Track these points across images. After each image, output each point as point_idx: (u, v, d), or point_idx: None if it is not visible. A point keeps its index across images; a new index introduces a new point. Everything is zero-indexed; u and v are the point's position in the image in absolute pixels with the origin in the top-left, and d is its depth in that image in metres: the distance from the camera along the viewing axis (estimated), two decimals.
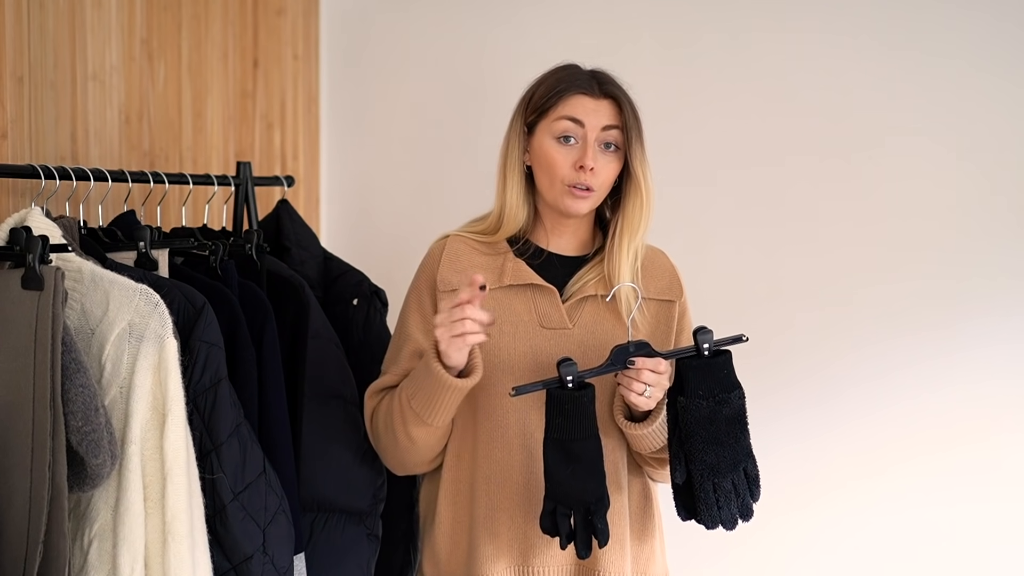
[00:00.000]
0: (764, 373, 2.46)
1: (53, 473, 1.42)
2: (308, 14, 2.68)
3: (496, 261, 1.80)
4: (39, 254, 1.46)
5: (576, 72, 1.79)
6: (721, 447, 1.70)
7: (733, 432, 1.71)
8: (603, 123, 1.75)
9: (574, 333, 1.78)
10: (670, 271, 1.88)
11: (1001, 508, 2.37)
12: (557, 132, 1.75)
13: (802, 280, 2.46)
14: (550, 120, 1.76)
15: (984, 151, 2.35)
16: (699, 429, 1.69)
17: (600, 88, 1.77)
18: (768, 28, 2.45)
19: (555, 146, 1.75)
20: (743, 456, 1.71)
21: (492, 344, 1.75)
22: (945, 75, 2.36)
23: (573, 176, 1.74)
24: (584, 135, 1.74)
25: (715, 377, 1.70)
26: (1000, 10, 2.32)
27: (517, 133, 1.81)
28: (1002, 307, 2.36)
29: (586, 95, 1.75)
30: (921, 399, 2.40)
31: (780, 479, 2.47)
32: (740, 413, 1.72)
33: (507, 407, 1.75)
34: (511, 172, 1.81)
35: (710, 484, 1.69)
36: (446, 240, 1.84)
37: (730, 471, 1.70)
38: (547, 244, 1.84)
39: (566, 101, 1.75)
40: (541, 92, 1.79)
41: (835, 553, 2.46)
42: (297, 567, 1.81)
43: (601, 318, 1.80)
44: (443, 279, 1.79)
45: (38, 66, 1.84)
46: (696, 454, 1.69)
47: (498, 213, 1.82)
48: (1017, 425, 2.36)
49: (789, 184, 2.45)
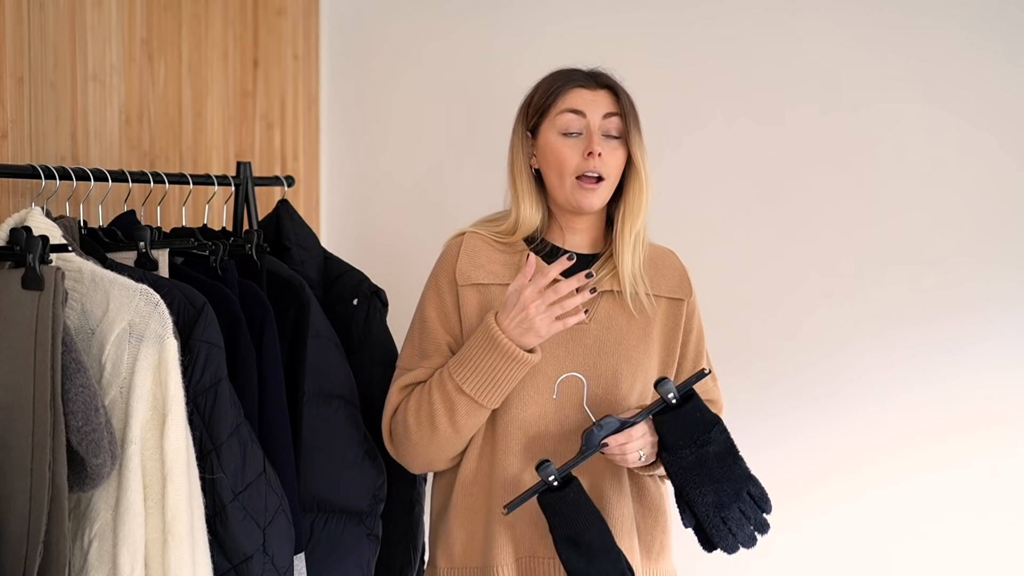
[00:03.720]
0: (764, 370, 2.47)
1: (53, 473, 1.42)
2: (308, 14, 2.68)
3: (514, 258, 1.84)
4: (39, 254, 1.46)
5: (570, 70, 1.85)
6: (718, 483, 1.71)
7: (725, 465, 1.72)
8: (603, 111, 1.80)
9: (591, 328, 1.81)
10: (680, 270, 1.91)
11: (1002, 505, 2.37)
12: (561, 127, 1.80)
13: (802, 278, 2.46)
14: (552, 116, 1.81)
15: (985, 147, 2.35)
16: (691, 476, 1.71)
17: (596, 80, 1.83)
18: (769, 25, 2.45)
19: (561, 140, 1.80)
20: (743, 482, 1.73)
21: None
22: (946, 72, 2.36)
23: (583, 165, 1.78)
24: (587, 125, 1.79)
25: (690, 423, 1.72)
26: (994, 19, 2.33)
27: (520, 139, 1.85)
28: (1004, 302, 2.36)
29: (584, 88, 1.81)
30: (924, 396, 2.41)
31: (782, 475, 2.47)
32: (727, 446, 1.74)
33: (526, 400, 1.78)
34: (520, 178, 1.84)
35: (718, 519, 1.71)
36: (463, 237, 1.87)
37: (734, 501, 1.72)
38: (563, 243, 1.87)
39: (565, 96, 1.80)
40: (540, 93, 1.84)
41: (840, 547, 2.46)
42: (297, 567, 1.81)
43: (616, 313, 1.83)
44: (462, 272, 1.82)
45: (38, 66, 1.84)
46: (696, 498, 1.71)
47: (515, 219, 1.85)
48: (1018, 420, 2.36)
49: (789, 183, 2.45)
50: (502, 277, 1.82)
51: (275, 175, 2.38)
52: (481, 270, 1.82)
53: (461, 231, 1.89)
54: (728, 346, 2.39)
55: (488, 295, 1.82)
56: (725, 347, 2.35)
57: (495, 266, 1.83)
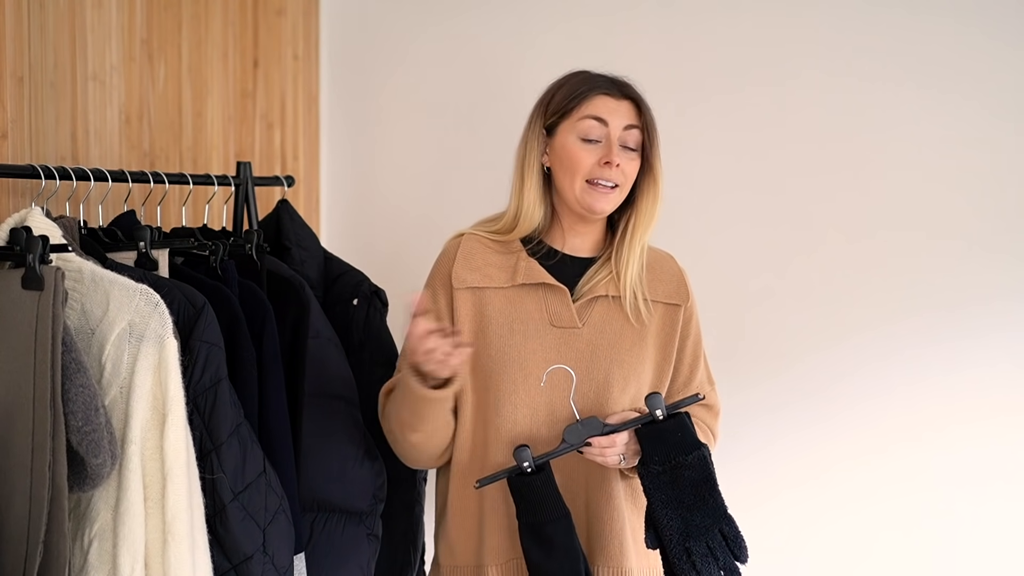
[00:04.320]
0: (762, 372, 2.46)
1: (53, 473, 1.42)
2: (308, 14, 2.68)
3: (510, 260, 1.84)
4: (39, 254, 1.46)
5: (596, 76, 1.84)
6: (688, 511, 1.69)
7: (700, 494, 1.70)
8: (625, 123, 1.80)
9: (584, 332, 1.81)
10: (678, 275, 1.90)
11: (1003, 504, 2.37)
12: (581, 132, 1.80)
13: (801, 279, 2.46)
14: (573, 120, 1.80)
15: (986, 149, 2.35)
16: (659, 495, 1.69)
17: (620, 90, 1.82)
18: (769, 27, 2.45)
19: (580, 145, 1.79)
20: (716, 518, 1.69)
21: (503, 342, 1.80)
22: (946, 73, 2.36)
23: (597, 172, 1.78)
24: (608, 134, 1.79)
25: (669, 442, 1.70)
26: (993, 21, 2.33)
27: (536, 135, 1.84)
28: (1004, 305, 2.36)
29: (608, 96, 1.81)
30: (922, 399, 2.41)
31: (780, 477, 2.48)
32: (706, 475, 1.70)
33: (517, 403, 1.78)
34: (529, 173, 1.84)
35: (682, 548, 1.68)
36: (461, 238, 1.87)
37: (703, 534, 1.68)
38: (562, 245, 1.87)
39: (590, 101, 1.80)
40: (563, 94, 1.83)
41: (835, 549, 2.46)
42: (297, 567, 1.81)
43: (610, 318, 1.82)
44: (458, 276, 1.82)
45: (38, 66, 1.84)
46: (662, 520, 1.69)
47: (514, 213, 1.85)
48: (1019, 423, 2.36)
49: (788, 184, 2.45)
50: (497, 280, 1.82)
51: (275, 175, 2.38)
52: (477, 273, 1.83)
53: (460, 232, 1.89)
54: (727, 343, 2.39)
55: (483, 298, 1.82)
56: (724, 344, 2.35)
57: (491, 269, 1.83)
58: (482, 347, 1.80)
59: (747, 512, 1.90)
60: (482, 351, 1.80)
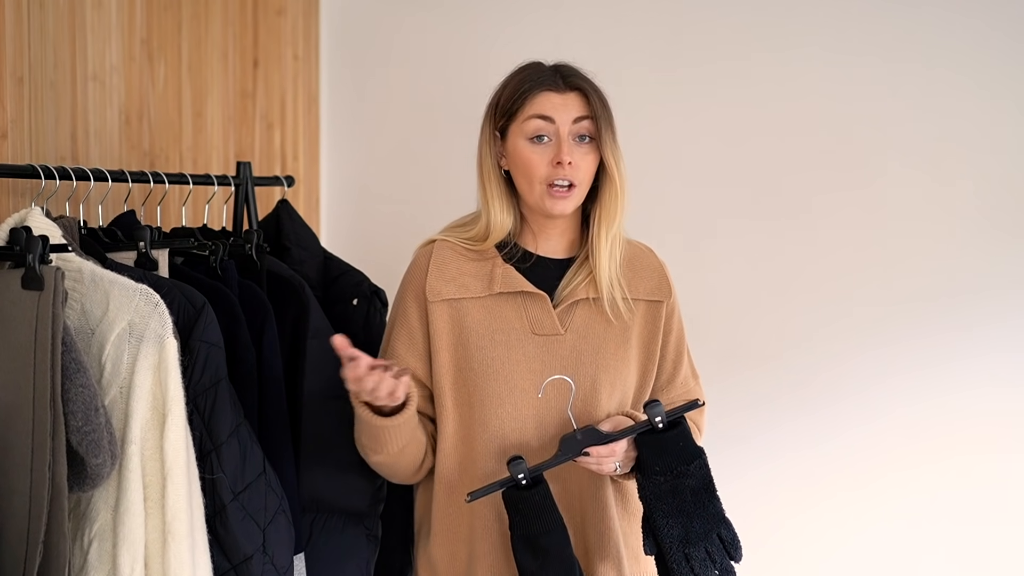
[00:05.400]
0: (763, 375, 2.46)
1: (53, 473, 1.42)
2: (308, 14, 2.68)
3: (485, 268, 1.78)
4: (39, 254, 1.46)
5: (539, 69, 1.77)
6: (688, 518, 1.67)
7: (700, 501, 1.68)
8: (573, 116, 1.73)
9: (566, 338, 1.76)
10: (658, 270, 1.85)
11: (1003, 504, 2.38)
12: (529, 132, 1.73)
13: (801, 282, 2.46)
14: (520, 121, 1.74)
15: (986, 156, 2.35)
16: (661, 504, 1.67)
17: (565, 82, 1.75)
18: (769, 32, 2.45)
19: (529, 147, 1.73)
20: (714, 523, 1.68)
21: (484, 354, 1.75)
22: (945, 80, 2.37)
23: (552, 173, 1.72)
24: (556, 131, 1.73)
25: (671, 451, 1.67)
26: (995, 15, 2.33)
27: (488, 140, 1.79)
28: (1004, 312, 2.36)
29: (552, 91, 1.74)
30: (922, 404, 2.41)
31: (780, 482, 2.48)
32: (705, 482, 1.69)
33: (503, 415, 1.74)
34: (489, 180, 1.79)
35: (681, 555, 1.66)
36: (432, 246, 1.82)
37: (701, 540, 1.67)
38: (536, 247, 1.81)
39: (533, 100, 1.73)
40: (507, 95, 1.77)
41: (836, 558, 2.46)
42: (297, 567, 1.81)
43: (593, 321, 1.78)
44: (432, 289, 1.77)
45: (38, 66, 1.84)
46: (662, 528, 1.67)
47: (486, 222, 1.80)
48: (1018, 432, 2.36)
49: (789, 185, 2.45)
50: (473, 290, 1.76)
51: (275, 175, 2.38)
52: (451, 284, 1.77)
53: (431, 239, 1.83)
54: (724, 347, 2.39)
55: (459, 309, 1.76)
56: (720, 348, 2.35)
57: (466, 278, 1.77)
58: (463, 359, 1.75)
59: (748, 512, 1.91)
60: (463, 363, 1.75)
